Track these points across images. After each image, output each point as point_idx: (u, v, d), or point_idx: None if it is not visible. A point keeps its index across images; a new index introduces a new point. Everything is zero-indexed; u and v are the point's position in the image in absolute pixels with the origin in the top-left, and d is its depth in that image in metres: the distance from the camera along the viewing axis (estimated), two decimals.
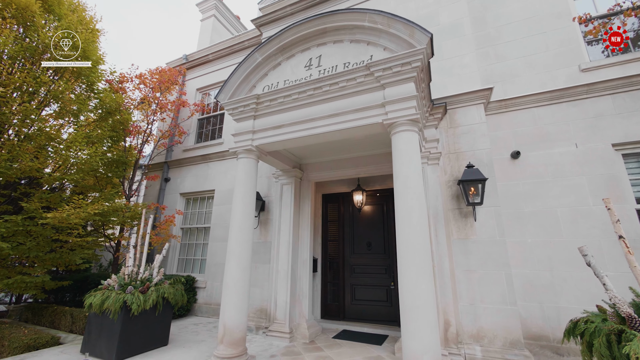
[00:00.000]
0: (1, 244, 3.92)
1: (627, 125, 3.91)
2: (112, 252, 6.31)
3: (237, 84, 4.25)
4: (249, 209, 3.95)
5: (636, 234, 3.63)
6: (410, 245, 2.80)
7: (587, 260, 2.30)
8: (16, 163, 4.32)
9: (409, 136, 3.14)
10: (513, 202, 4.24)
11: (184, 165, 7.58)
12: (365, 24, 3.54)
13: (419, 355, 2.54)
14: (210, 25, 11.45)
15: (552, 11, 4.74)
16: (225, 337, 3.47)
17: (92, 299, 3.71)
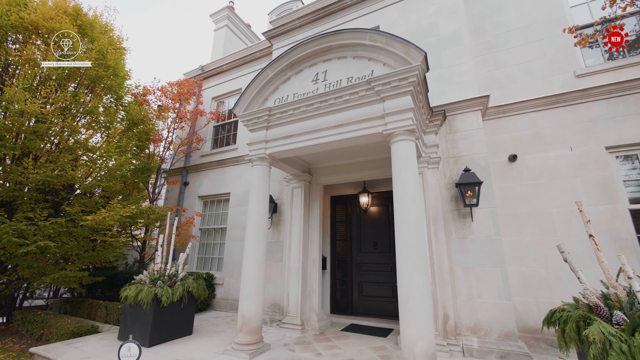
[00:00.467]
0: (49, 243, 4.50)
1: (620, 128, 4.09)
2: (138, 251, 6.88)
3: (250, 97, 4.66)
4: (263, 212, 4.36)
5: (628, 233, 3.81)
6: (407, 243, 3.13)
7: (563, 256, 2.57)
8: (60, 172, 4.91)
9: (406, 145, 3.47)
10: (511, 203, 4.48)
11: (202, 170, 8.12)
12: (366, 42, 3.87)
13: (414, 341, 2.86)
14: (223, 34, 12.00)
15: (548, 19, 4.93)
16: (244, 327, 3.89)
17: (128, 292, 4.22)
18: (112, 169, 5.68)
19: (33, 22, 5.14)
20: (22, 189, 4.67)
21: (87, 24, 6.06)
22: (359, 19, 6.29)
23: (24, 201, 4.75)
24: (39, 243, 4.39)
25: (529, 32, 5.02)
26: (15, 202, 4.81)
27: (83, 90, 5.62)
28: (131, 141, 6.21)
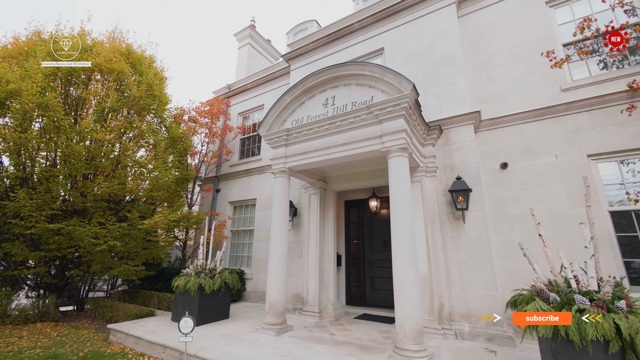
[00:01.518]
0: (117, 243, 5.66)
1: (601, 138, 4.51)
2: (180, 249, 8.04)
3: (272, 120, 5.55)
4: (284, 216, 5.23)
5: (607, 232, 4.25)
6: (399, 242, 3.85)
7: (523, 252, 3.19)
8: (121, 185, 6.09)
9: (399, 160, 4.18)
10: (502, 206, 5.01)
11: (231, 179, 9.19)
12: (367, 73, 4.62)
13: (404, 320, 3.58)
14: (246, 52, 13.10)
15: (538, 36, 5.38)
16: (271, 310, 4.78)
17: (179, 282, 5.26)
18: (160, 181, 6.82)
19: (98, 64, 6.38)
20: (96, 200, 5.88)
21: (137, 59, 7.29)
22: (366, 41, 7.01)
23: (96, 210, 5.98)
24: (109, 243, 5.57)
25: (519, 49, 5.49)
26: (89, 210, 6.05)
27: (136, 117, 6.82)
28: (174, 157, 7.37)
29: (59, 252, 5.90)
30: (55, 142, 5.35)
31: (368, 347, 4.04)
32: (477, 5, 6.14)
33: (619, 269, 4.12)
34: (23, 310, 6.27)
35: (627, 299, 2.47)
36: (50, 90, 5.46)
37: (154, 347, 4.36)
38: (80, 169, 5.51)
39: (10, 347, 4.61)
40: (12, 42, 6.78)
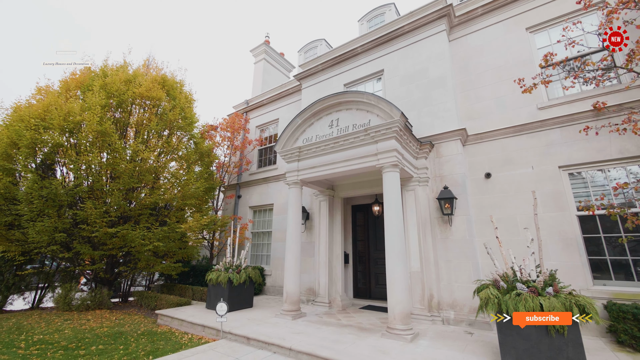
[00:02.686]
0: (160, 244, 6.84)
1: (570, 151, 5.17)
2: (208, 249, 9.20)
3: (286, 138, 6.53)
4: (298, 220, 6.20)
5: (574, 234, 4.91)
6: (391, 242, 4.71)
7: (487, 251, 3.97)
8: (161, 196, 7.28)
9: (391, 174, 5.03)
10: (485, 211, 5.73)
11: (251, 186, 10.28)
12: (364, 100, 5.49)
13: (394, 306, 4.45)
14: (261, 66, 14.18)
15: (519, 59, 6.05)
16: (288, 300, 5.75)
17: (211, 276, 6.34)
18: (191, 190, 7.97)
19: (140, 94, 7.60)
20: (143, 208, 7.09)
21: (170, 86, 8.50)
22: (368, 64, 7.86)
23: (142, 216, 7.18)
24: (154, 243, 6.74)
25: (503, 71, 6.18)
26: (137, 217, 7.27)
27: (171, 137, 8.01)
28: (202, 169, 8.52)
29: (112, 252, 7.15)
30: (111, 162, 6.57)
31: (366, 328, 4.93)
32: (466, 30, 6.86)
33: (583, 265, 4.78)
34: (84, 299, 7.57)
35: (554, 287, 3.23)
36: (106, 120, 6.69)
37: (195, 327, 5.44)
38: (131, 183, 6.72)
39: (84, 326, 5.84)
40: (71, 77, 8.13)
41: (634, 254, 4.56)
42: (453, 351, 3.82)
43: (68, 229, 6.45)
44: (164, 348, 4.51)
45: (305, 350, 3.88)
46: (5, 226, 6.61)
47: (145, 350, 4.42)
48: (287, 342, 4.18)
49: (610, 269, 4.71)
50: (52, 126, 6.28)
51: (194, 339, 4.98)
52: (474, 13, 6.74)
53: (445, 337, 4.43)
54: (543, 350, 3.07)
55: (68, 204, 6.44)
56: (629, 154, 4.72)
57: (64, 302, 7.37)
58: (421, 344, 4.12)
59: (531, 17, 6.13)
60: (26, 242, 6.56)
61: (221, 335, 4.88)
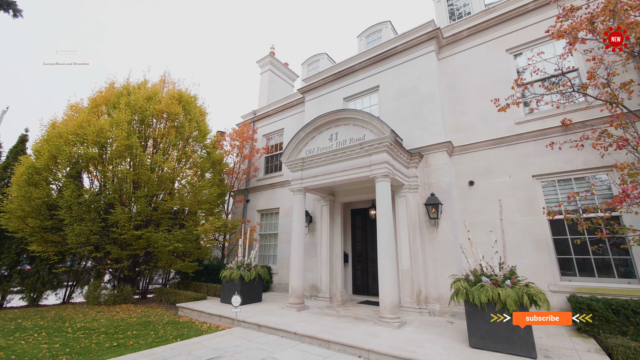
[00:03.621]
0: (179, 245, 7.66)
1: (542, 162, 5.82)
2: (220, 249, 10.01)
3: (291, 150, 7.29)
4: (302, 224, 6.95)
5: (544, 235, 5.57)
6: (382, 244, 5.42)
7: (462, 251, 4.66)
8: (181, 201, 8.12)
9: (383, 184, 5.75)
10: (469, 215, 6.41)
11: (258, 191, 11.08)
12: (359, 117, 6.22)
13: (384, 298, 5.16)
14: (267, 77, 14.98)
15: (500, 78, 6.71)
16: (293, 294, 6.51)
17: (225, 273, 7.13)
18: (205, 196, 8.79)
19: (160, 109, 8.46)
20: (164, 212, 7.94)
21: (186, 101, 9.35)
22: (365, 80, 8.59)
23: (163, 220, 8.03)
24: (174, 244, 7.57)
25: (486, 88, 6.85)
26: (157, 220, 8.12)
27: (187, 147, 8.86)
28: (214, 176, 9.35)
29: (136, 252, 8.01)
30: (137, 172, 7.43)
31: (361, 318, 5.65)
32: (453, 50, 7.55)
33: (552, 263, 5.43)
34: (111, 295, 8.44)
35: (512, 280, 3.91)
36: (132, 134, 7.55)
37: (212, 317, 6.23)
38: (154, 190, 7.56)
39: (115, 317, 6.68)
40: (98, 94, 9.05)
41: (595, 254, 5.19)
42: (432, 335, 4.52)
43: (100, 232, 7.31)
44: (187, 333, 5.30)
45: (308, 334, 4.63)
46: (47, 229, 7.52)
47: (173, 335, 5.22)
48: (292, 328, 4.93)
49: (575, 267, 5.35)
50: (86, 141, 7.16)
51: (212, 327, 5.77)
52: (460, 35, 7.42)
53: (428, 325, 5.13)
54: (501, 331, 3.76)
55: (101, 210, 7.31)
56: (592, 165, 5.35)
57: (93, 297, 8.25)
58: (406, 330, 4.83)
59: (511, 40, 6.80)
60: (63, 243, 7.46)
61: (236, 324, 5.66)
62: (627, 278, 4.93)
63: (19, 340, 4.83)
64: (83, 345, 4.59)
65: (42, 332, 5.31)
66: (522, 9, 6.65)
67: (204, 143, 9.59)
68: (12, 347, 4.43)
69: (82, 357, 4.05)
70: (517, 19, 6.77)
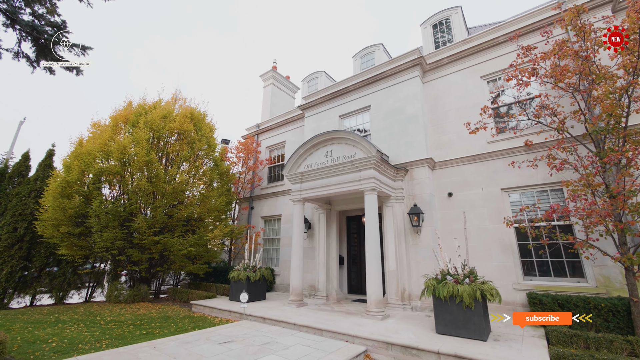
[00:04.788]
0: (191, 249, 8.59)
1: (509, 177, 6.70)
2: (227, 253, 10.92)
3: (292, 164, 8.22)
4: (301, 230, 7.86)
5: (510, 241, 6.43)
6: (370, 247, 6.32)
7: (434, 254, 5.55)
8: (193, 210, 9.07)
9: (371, 196, 6.66)
10: (448, 223, 7.28)
11: (262, 199, 12.02)
12: (351, 138, 7.15)
13: (370, 294, 6.05)
14: (270, 90, 15.96)
15: (475, 101, 7.61)
16: (293, 292, 7.40)
17: (234, 274, 8.04)
18: (214, 205, 9.73)
19: (174, 127, 9.44)
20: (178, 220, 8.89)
21: (197, 118, 10.34)
22: (358, 100, 9.53)
23: (177, 227, 8.98)
24: (188, 249, 8.50)
25: (463, 110, 7.75)
26: (172, 227, 9.07)
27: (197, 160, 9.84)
28: (223, 186, 10.31)
29: (154, 255, 8.96)
30: (155, 184, 8.40)
31: (352, 313, 6.53)
32: (435, 75, 8.48)
33: (516, 265, 6.29)
34: (130, 294, 9.37)
35: (470, 278, 4.78)
36: (150, 151, 8.54)
37: (223, 312, 7.14)
38: (170, 201, 8.52)
39: (137, 312, 7.61)
40: (118, 113, 10.06)
41: (552, 257, 6.05)
42: (409, 325, 5.39)
43: (124, 237, 8.27)
44: (203, 325, 6.21)
45: (305, 324, 5.52)
46: (76, 235, 8.48)
47: (190, 326, 6.13)
48: (292, 320, 5.82)
49: (535, 268, 6.21)
50: (111, 157, 8.16)
51: (223, 320, 6.67)
52: (441, 62, 8.36)
53: (408, 318, 6.00)
54: (460, 319, 4.63)
55: (124, 219, 8.27)
56: (550, 181, 6.22)
57: (114, 296, 9.19)
58: (389, 321, 5.70)
59: (485, 68, 7.71)
60: (89, 247, 8.41)
61: (243, 317, 6.56)
62: (577, 277, 5.79)
63: (63, 329, 5.77)
64: (117, 333, 5.51)
65: (79, 324, 6.25)
66: (494, 41, 7.58)
67: (213, 156, 10.56)
68: (61, 334, 5.36)
69: (120, 341, 4.97)
70: (490, 50, 7.69)
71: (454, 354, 3.91)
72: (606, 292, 5.32)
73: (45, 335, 5.23)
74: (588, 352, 3.84)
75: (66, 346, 4.65)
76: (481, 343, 4.31)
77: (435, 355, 4.07)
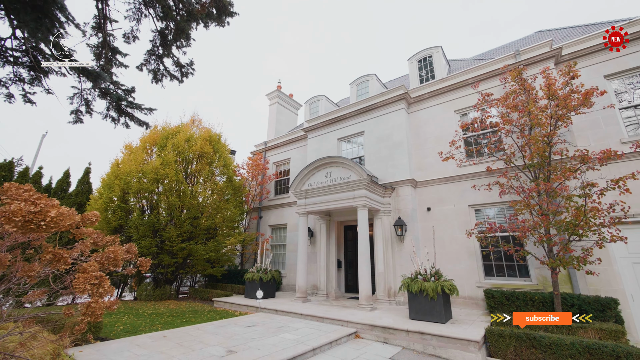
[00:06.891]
0: (212, 254, 10.12)
1: (475, 196, 8.25)
2: (240, 258, 12.46)
3: (297, 182, 9.80)
4: (305, 238, 9.41)
5: (475, 248, 7.96)
6: (361, 254, 7.85)
7: (410, 259, 7.08)
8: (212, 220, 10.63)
9: (362, 211, 8.21)
10: (427, 233, 8.82)
11: (269, 210, 13.58)
12: (346, 162, 8.73)
13: (361, 291, 7.58)
14: (275, 108, 17.56)
15: (450, 132, 9.18)
16: (299, 290, 8.93)
17: (249, 275, 9.58)
18: (230, 216, 11.29)
19: (196, 150, 11.04)
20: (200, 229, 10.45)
21: (214, 140, 11.96)
22: (354, 125, 11.12)
23: (200, 235, 10.53)
24: (209, 254, 10.04)
25: (439, 139, 9.32)
26: (195, 236, 10.63)
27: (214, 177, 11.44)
28: (238, 200, 11.88)
29: (178, 259, 10.50)
30: (183, 200, 9.97)
31: (347, 307, 8.05)
32: (418, 107, 10.08)
33: (479, 267, 7.82)
34: (157, 293, 10.88)
35: (435, 277, 6.31)
36: (178, 172, 10.12)
37: (241, 307, 8.67)
38: (194, 213, 10.08)
39: (169, 307, 9.13)
40: (146, 136, 11.68)
41: (507, 260, 7.58)
42: (391, 314, 6.90)
43: (157, 245, 9.83)
44: (227, 316, 7.73)
45: (310, 314, 7.04)
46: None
47: (218, 317, 7.66)
48: (299, 311, 7.35)
49: (494, 270, 7.73)
50: (146, 177, 9.75)
51: (242, 313, 8.20)
52: (423, 97, 9.97)
53: (391, 310, 7.52)
54: (426, 309, 6.15)
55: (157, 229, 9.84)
56: (506, 199, 7.76)
57: (144, 295, 10.72)
58: (376, 312, 7.22)
59: (457, 104, 9.31)
60: None
61: (259, 310, 8.08)
62: (524, 277, 7.31)
63: (119, 319, 7.30)
64: (164, 320, 7.05)
65: (128, 315, 7.78)
66: (464, 82, 9.18)
67: (227, 173, 12.16)
68: (121, 321, 6.89)
69: (169, 326, 6.50)
70: (461, 89, 9.29)
71: (418, 330, 5.44)
72: (544, 288, 6.84)
73: (110, 322, 6.77)
74: (511, 327, 5.35)
75: (131, 328, 6.19)
76: (440, 325, 5.83)
77: (405, 333, 5.59)
